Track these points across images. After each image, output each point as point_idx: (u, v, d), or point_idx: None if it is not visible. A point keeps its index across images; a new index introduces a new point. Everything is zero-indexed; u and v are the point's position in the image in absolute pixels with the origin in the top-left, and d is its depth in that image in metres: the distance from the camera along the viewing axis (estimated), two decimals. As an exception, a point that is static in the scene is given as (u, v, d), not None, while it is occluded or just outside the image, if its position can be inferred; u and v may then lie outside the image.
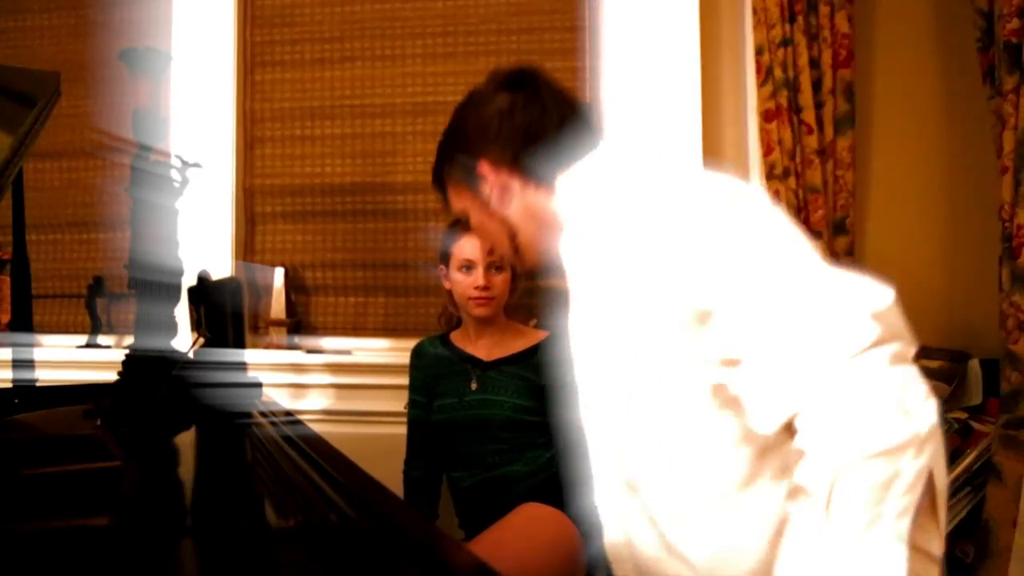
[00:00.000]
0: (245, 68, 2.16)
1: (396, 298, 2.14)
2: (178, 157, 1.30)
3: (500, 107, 0.97)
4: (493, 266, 1.54)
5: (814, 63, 1.78)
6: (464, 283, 1.55)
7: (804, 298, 0.69)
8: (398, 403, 1.97)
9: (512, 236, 1.00)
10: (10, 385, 1.35)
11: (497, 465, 1.50)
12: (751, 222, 0.76)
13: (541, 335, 1.62)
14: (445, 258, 1.59)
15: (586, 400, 0.95)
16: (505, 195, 0.98)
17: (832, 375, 0.66)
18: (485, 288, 1.53)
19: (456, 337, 1.66)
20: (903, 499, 0.63)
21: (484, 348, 1.61)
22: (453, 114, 1.04)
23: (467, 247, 1.56)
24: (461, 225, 1.54)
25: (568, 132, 0.97)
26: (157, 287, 1.26)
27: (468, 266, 1.55)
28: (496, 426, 1.51)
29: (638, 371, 0.83)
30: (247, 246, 2.17)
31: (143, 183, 1.25)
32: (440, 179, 1.07)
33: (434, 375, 1.63)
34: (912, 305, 0.78)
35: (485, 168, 0.97)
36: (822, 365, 0.66)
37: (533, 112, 0.96)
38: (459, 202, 1.05)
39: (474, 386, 1.56)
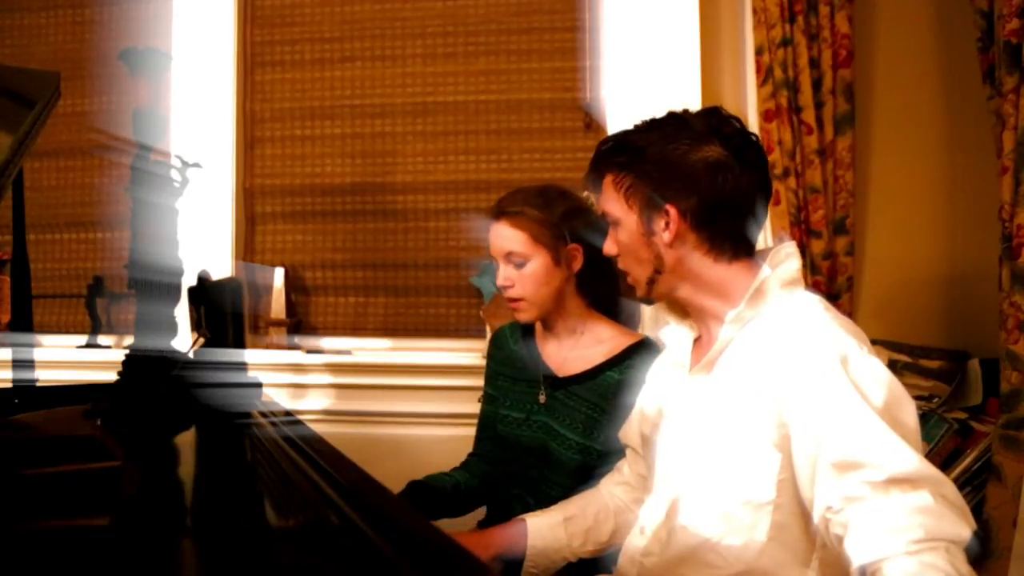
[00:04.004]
0: (245, 68, 2.16)
1: (396, 298, 2.14)
2: (178, 157, 1.30)
3: (711, 159, 0.94)
4: (513, 261, 1.30)
5: (814, 63, 1.78)
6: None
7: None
8: (398, 403, 1.97)
9: (657, 271, 1.00)
10: (10, 385, 1.35)
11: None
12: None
13: (623, 344, 1.31)
14: None
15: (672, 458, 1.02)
16: (676, 241, 0.97)
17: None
18: (504, 288, 1.32)
19: (539, 330, 1.41)
20: None
21: (557, 356, 1.36)
22: (648, 127, 1.00)
23: (491, 238, 1.33)
24: (492, 213, 1.34)
25: (757, 210, 0.98)
26: (157, 287, 1.25)
27: (495, 263, 1.34)
28: (562, 463, 1.29)
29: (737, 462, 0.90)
30: (247, 246, 2.17)
31: (143, 183, 1.25)
32: (603, 173, 1.03)
33: (504, 374, 1.43)
34: (912, 305, 0.80)
35: (672, 213, 0.95)
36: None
37: (742, 179, 0.94)
38: (613, 209, 1.01)
39: (542, 399, 1.34)
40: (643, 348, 1.30)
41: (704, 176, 0.94)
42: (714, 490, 0.92)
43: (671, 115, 1.00)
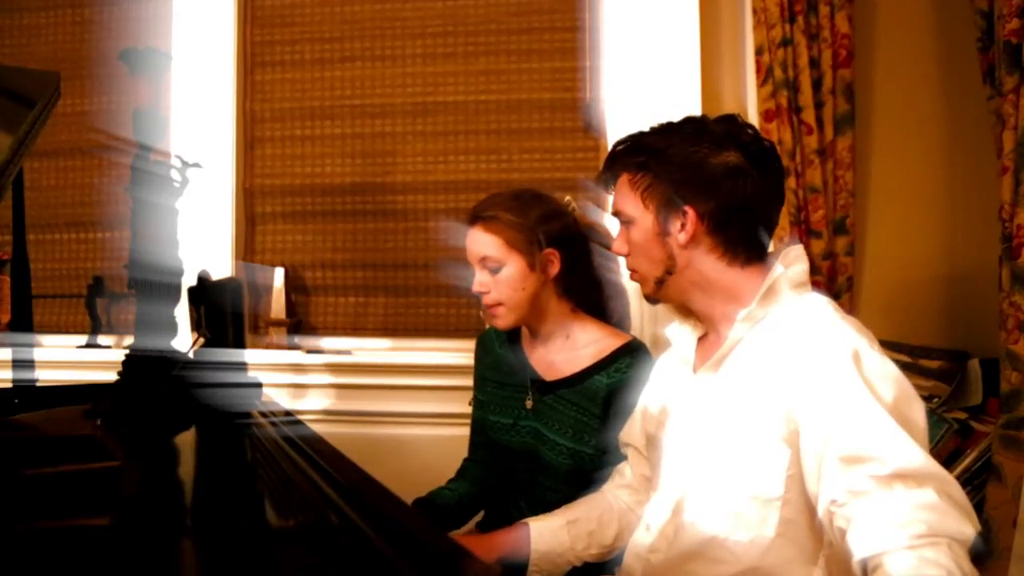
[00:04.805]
0: (245, 68, 2.16)
1: (396, 298, 2.14)
2: (178, 157, 1.30)
3: (731, 164, 0.95)
4: (488, 266, 1.29)
5: (814, 63, 1.78)
6: None
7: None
8: (398, 403, 1.97)
9: (668, 272, 1.00)
10: (10, 385, 1.35)
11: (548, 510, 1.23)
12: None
13: (610, 346, 1.29)
14: None
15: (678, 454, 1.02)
16: (691, 243, 0.98)
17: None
18: (480, 294, 1.30)
19: (525, 334, 1.40)
20: None
21: (544, 359, 1.35)
22: (666, 130, 1.01)
23: (467, 243, 1.32)
24: (468, 218, 1.34)
25: (771, 216, 1.00)
26: (157, 287, 1.25)
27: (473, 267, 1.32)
28: (554, 468, 1.28)
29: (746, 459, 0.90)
30: (247, 246, 2.17)
31: (143, 183, 1.25)
32: (618, 172, 1.04)
33: (491, 379, 1.42)
34: (912, 305, 0.80)
35: (691, 214, 0.96)
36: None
37: (759, 186, 0.96)
38: (628, 208, 1.02)
39: (529, 404, 1.33)
40: (631, 350, 1.29)
41: (723, 180, 0.95)
42: (722, 486, 0.93)
43: (689, 119, 1.02)
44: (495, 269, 1.28)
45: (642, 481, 1.18)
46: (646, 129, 1.04)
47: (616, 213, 1.05)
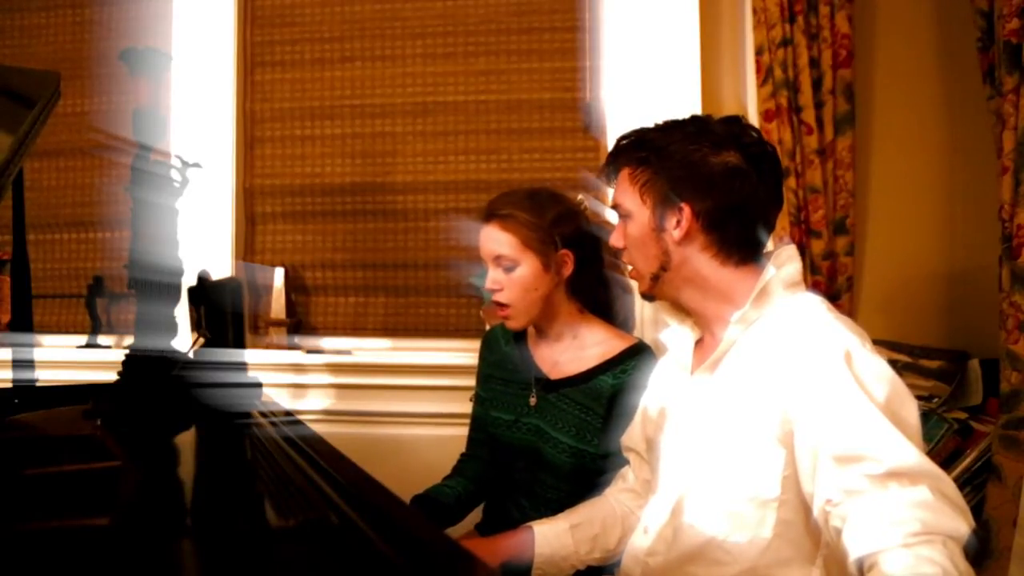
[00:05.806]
0: (245, 68, 2.16)
1: (396, 298, 2.14)
2: (178, 157, 1.30)
3: (731, 164, 0.95)
4: (502, 265, 1.28)
5: (814, 63, 1.78)
6: None
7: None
8: (398, 403, 1.97)
9: (663, 268, 1.01)
10: (10, 385, 1.35)
11: (549, 512, 1.22)
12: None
13: (617, 347, 1.29)
14: None
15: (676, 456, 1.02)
16: (685, 240, 0.98)
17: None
18: (492, 291, 1.30)
19: (531, 332, 1.40)
20: None
21: (549, 358, 1.35)
22: (670, 127, 1.01)
23: (480, 240, 1.31)
24: (482, 215, 1.32)
25: (768, 219, 1.00)
26: (157, 287, 1.26)
27: (485, 265, 1.31)
28: (555, 466, 1.28)
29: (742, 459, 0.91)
30: (247, 246, 2.17)
31: (143, 183, 1.25)
32: (620, 166, 1.04)
33: (496, 376, 1.42)
34: (912, 305, 0.80)
35: (686, 211, 0.97)
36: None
37: (757, 188, 0.96)
38: (627, 202, 1.03)
39: (532, 401, 1.33)
40: (637, 352, 1.29)
41: (722, 180, 0.95)
42: (720, 488, 0.93)
43: (693, 118, 1.02)
44: (509, 268, 1.27)
45: (644, 485, 1.18)
46: (650, 125, 1.04)
47: (615, 206, 1.06)
